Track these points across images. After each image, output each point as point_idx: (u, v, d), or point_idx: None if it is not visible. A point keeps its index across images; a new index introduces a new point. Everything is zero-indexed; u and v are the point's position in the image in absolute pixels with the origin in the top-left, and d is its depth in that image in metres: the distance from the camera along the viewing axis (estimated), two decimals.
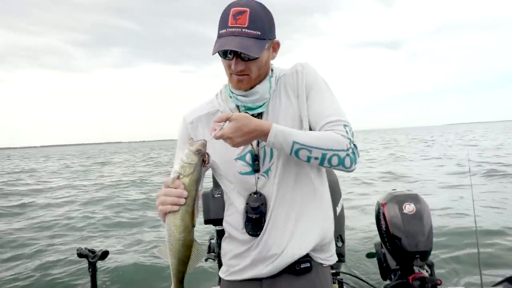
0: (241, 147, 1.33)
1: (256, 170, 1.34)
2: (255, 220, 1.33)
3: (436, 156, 19.25)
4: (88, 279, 2.25)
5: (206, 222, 2.34)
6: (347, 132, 1.25)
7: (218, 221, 2.32)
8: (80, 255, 2.26)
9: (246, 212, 1.34)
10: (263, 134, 1.19)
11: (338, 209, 2.68)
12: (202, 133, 1.39)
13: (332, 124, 1.26)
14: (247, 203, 1.34)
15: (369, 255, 3.21)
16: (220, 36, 1.23)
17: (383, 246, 2.70)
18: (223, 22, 1.23)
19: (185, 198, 1.05)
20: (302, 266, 1.33)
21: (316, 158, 1.20)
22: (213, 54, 1.23)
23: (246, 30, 1.20)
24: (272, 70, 1.38)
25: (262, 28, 1.23)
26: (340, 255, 2.62)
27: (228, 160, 1.36)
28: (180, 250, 1.07)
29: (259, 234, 1.33)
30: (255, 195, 1.34)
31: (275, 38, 1.32)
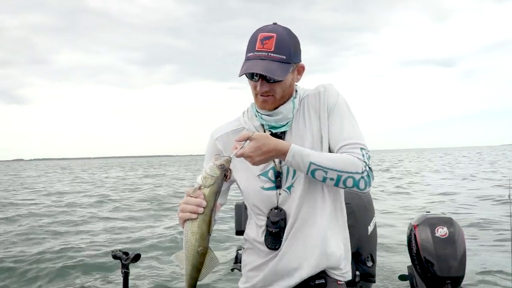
0: (264, 164, 1.37)
1: (278, 186, 1.39)
2: (275, 234, 1.38)
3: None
4: (121, 280, 2.34)
5: (238, 233, 2.38)
6: (363, 155, 1.29)
7: None
8: (115, 257, 2.35)
9: (267, 226, 1.39)
10: (281, 154, 1.25)
11: (370, 228, 2.65)
12: (228, 149, 1.43)
13: (350, 146, 1.31)
14: (267, 217, 1.39)
15: (402, 277, 3.14)
16: (247, 59, 1.31)
17: (414, 269, 2.65)
18: (251, 46, 1.31)
19: (203, 207, 1.11)
20: (317, 282, 1.36)
21: (331, 179, 1.25)
22: (239, 76, 1.31)
23: (272, 54, 1.27)
24: (296, 91, 1.43)
25: (288, 52, 1.30)
26: (371, 275, 2.59)
27: (251, 175, 1.42)
28: (195, 256, 1.13)
29: (278, 247, 1.38)
30: (275, 210, 1.39)
31: (300, 61, 1.39)
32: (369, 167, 1.28)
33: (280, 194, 1.39)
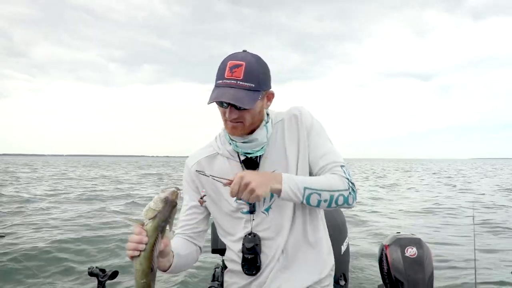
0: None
1: (251, 211, 1.41)
2: (250, 260, 1.39)
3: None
4: None
5: (213, 251, 2.41)
6: (344, 172, 1.34)
7: (224, 251, 2.39)
8: (91, 274, 2.33)
9: (242, 252, 1.41)
10: (278, 181, 1.26)
11: (343, 248, 2.73)
12: (201, 177, 1.46)
13: (331, 166, 1.36)
14: (242, 244, 1.41)
15: None
16: (217, 86, 1.32)
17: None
18: (221, 73, 1.32)
19: (145, 243, 1.08)
20: None
21: (325, 201, 1.28)
22: (208, 104, 1.31)
23: (241, 83, 1.28)
24: (268, 114, 1.45)
25: (257, 80, 1.31)
26: None
27: (228, 200, 1.44)
28: None
29: (255, 273, 1.39)
30: (249, 236, 1.40)
31: (270, 88, 1.40)
32: (352, 182, 1.34)
33: (253, 219, 1.41)
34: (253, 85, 1.31)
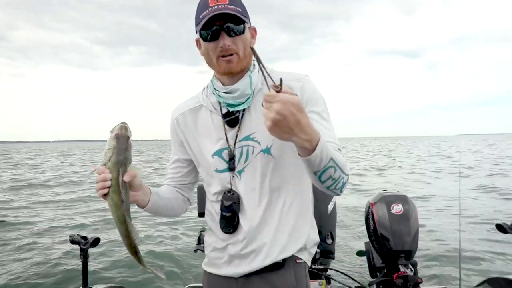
0: (219, 144, 1.32)
1: (231, 168, 1.32)
2: (228, 218, 1.33)
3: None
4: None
5: (200, 215, 2.37)
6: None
7: None
8: (73, 241, 2.29)
9: (221, 210, 1.35)
10: (315, 133, 1.00)
11: (330, 207, 2.73)
12: (186, 129, 1.40)
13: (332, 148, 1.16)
14: (221, 201, 1.34)
15: (359, 253, 3.28)
16: (202, 18, 1.20)
17: (371, 244, 2.77)
18: (203, 6, 1.21)
19: (110, 180, 1.14)
20: (274, 262, 1.31)
21: (333, 180, 1.10)
22: (199, 30, 1.21)
23: (229, 6, 1.19)
24: (254, 65, 1.33)
25: (242, 7, 1.24)
26: (330, 252, 2.68)
27: (206, 155, 1.36)
28: (118, 225, 1.19)
29: (232, 232, 1.33)
30: (228, 194, 1.34)
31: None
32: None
33: (233, 177, 1.33)
34: (240, 10, 1.22)
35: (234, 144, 1.31)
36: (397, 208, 2.59)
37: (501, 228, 2.09)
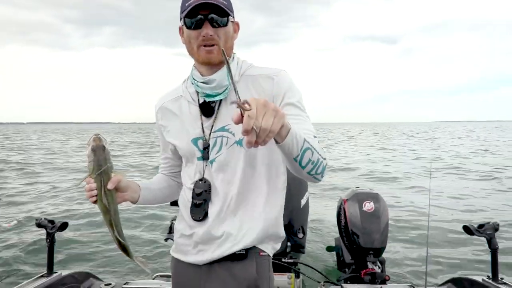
0: (195, 132, 1.36)
1: (204, 157, 1.36)
2: (198, 205, 1.37)
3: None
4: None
5: (172, 204, 2.35)
6: (318, 142, 1.24)
7: None
8: (39, 225, 2.23)
9: (192, 197, 1.38)
10: (284, 117, 0.99)
11: (303, 201, 2.75)
12: (166, 118, 1.45)
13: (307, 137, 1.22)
14: (192, 189, 1.38)
15: (329, 249, 3.32)
16: (188, 6, 1.24)
17: (341, 240, 2.81)
18: None
19: (95, 189, 1.23)
20: (237, 252, 1.34)
21: (313, 163, 1.14)
22: (183, 17, 1.25)
23: None
24: (233, 58, 1.37)
25: (228, 1, 1.27)
26: (301, 246, 2.71)
27: (186, 142, 1.39)
28: (108, 227, 1.30)
29: (201, 220, 1.36)
30: (200, 182, 1.38)
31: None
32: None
33: (206, 165, 1.37)
34: (226, 3, 1.26)
35: (210, 134, 1.35)
36: (368, 206, 2.63)
37: (468, 230, 2.15)
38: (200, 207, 1.37)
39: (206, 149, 1.36)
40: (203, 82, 1.33)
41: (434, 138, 38.65)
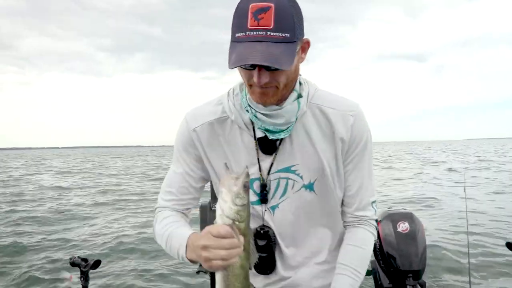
0: (250, 170, 1.09)
1: (263, 200, 1.14)
2: (264, 258, 1.17)
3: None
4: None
5: None
6: (374, 211, 1.17)
7: None
8: (73, 264, 2.25)
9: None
10: None
11: None
12: (209, 143, 1.16)
13: (363, 205, 1.16)
14: (254, 239, 1.13)
15: (366, 272, 3.21)
16: (238, 41, 0.96)
17: (377, 264, 2.70)
18: (241, 23, 0.95)
19: (240, 245, 0.91)
20: None
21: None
22: (231, 68, 0.95)
23: (272, 34, 0.92)
24: (300, 84, 1.11)
25: (292, 27, 0.95)
26: None
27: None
28: None
29: (269, 273, 1.20)
30: (261, 231, 1.16)
31: (304, 35, 1.03)
32: (376, 222, 1.18)
33: (265, 210, 1.14)
34: (288, 35, 0.95)
35: (268, 174, 1.13)
36: (403, 226, 2.53)
37: (511, 246, 2.04)
38: (265, 260, 1.17)
39: (263, 191, 1.13)
40: (265, 115, 1.07)
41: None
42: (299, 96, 1.09)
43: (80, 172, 26.67)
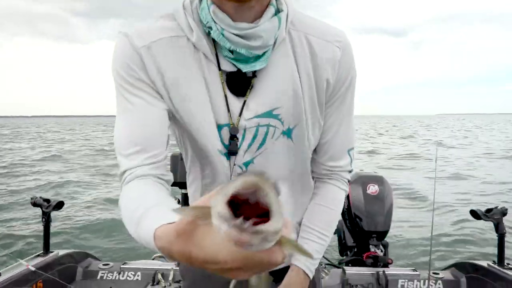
0: (221, 113, 0.85)
1: (231, 152, 0.88)
2: None
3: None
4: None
5: (173, 184, 2.29)
6: (350, 162, 1.00)
7: (184, 185, 2.27)
8: (34, 204, 2.18)
9: None
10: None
11: None
12: (165, 67, 0.81)
13: (339, 155, 0.98)
14: None
15: None
16: None
17: (343, 223, 2.75)
18: None
19: None
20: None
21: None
22: None
23: None
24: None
25: None
26: None
27: (206, 125, 0.86)
28: None
29: None
30: None
31: None
32: (350, 172, 1.01)
33: (234, 165, 0.89)
34: None
35: (239, 120, 0.86)
36: (372, 189, 2.56)
37: (475, 214, 2.09)
38: None
39: (232, 141, 0.87)
40: (237, 35, 0.78)
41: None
42: (278, 11, 0.83)
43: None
